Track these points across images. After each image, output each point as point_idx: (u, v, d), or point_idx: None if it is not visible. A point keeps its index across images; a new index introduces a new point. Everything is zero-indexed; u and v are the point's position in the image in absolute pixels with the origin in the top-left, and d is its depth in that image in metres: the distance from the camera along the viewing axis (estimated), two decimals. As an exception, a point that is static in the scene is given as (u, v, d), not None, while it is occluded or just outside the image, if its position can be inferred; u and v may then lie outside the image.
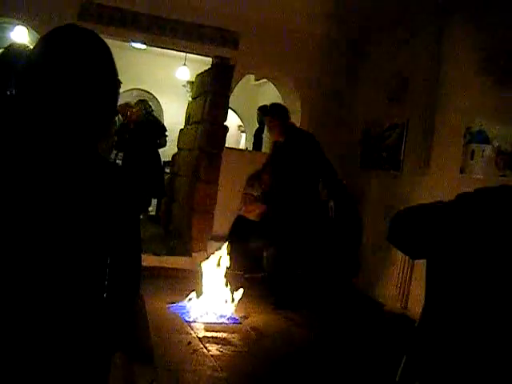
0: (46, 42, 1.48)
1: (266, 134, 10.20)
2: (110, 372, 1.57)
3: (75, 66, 1.44)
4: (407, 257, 5.48)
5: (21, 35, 8.24)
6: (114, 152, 11.96)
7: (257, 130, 10.70)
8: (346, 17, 7.03)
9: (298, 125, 8.28)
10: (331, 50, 8.03)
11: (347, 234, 7.36)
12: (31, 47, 1.56)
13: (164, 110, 12.29)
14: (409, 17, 6.51)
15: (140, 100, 9.73)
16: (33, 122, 1.42)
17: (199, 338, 4.98)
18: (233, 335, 5.21)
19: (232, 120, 11.30)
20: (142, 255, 1.61)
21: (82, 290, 1.45)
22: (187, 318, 5.48)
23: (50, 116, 1.41)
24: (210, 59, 8.02)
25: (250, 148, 10.75)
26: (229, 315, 5.70)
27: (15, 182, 1.38)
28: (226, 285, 5.91)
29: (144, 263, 1.61)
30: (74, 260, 1.42)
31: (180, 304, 5.82)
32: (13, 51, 3.51)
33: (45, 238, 1.38)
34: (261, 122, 10.50)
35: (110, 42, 1.55)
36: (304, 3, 6.80)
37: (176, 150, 9.50)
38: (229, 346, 4.90)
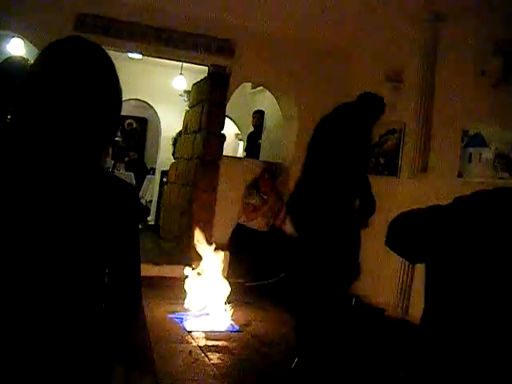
0: (48, 54, 1.48)
1: (263, 139, 10.21)
2: (110, 382, 1.56)
3: (79, 79, 1.43)
4: (407, 262, 5.47)
5: (17, 47, 8.25)
6: (112, 162, 12.01)
7: (250, 135, 10.62)
8: (339, 21, 7.04)
9: (295, 133, 8.31)
10: (326, 56, 8.06)
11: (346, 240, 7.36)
12: (30, 60, 1.55)
13: (161, 119, 12.30)
14: (405, 20, 6.52)
15: None
16: (35, 134, 1.42)
17: (200, 347, 4.97)
18: (234, 344, 5.20)
19: (229, 128, 11.31)
20: (142, 265, 1.61)
21: (80, 300, 1.45)
22: (188, 328, 5.47)
23: (53, 128, 1.41)
24: (206, 68, 8.04)
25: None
26: (229, 324, 5.69)
27: (17, 192, 1.38)
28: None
29: (143, 273, 1.61)
30: (72, 270, 1.42)
31: (180, 313, 5.81)
32: (12, 64, 3.48)
33: (43, 248, 1.38)
34: (257, 126, 10.44)
35: (106, 52, 1.55)
36: (299, 10, 6.81)
37: (173, 159, 9.51)
38: (230, 355, 4.89)
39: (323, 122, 4.56)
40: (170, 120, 11.71)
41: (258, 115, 10.29)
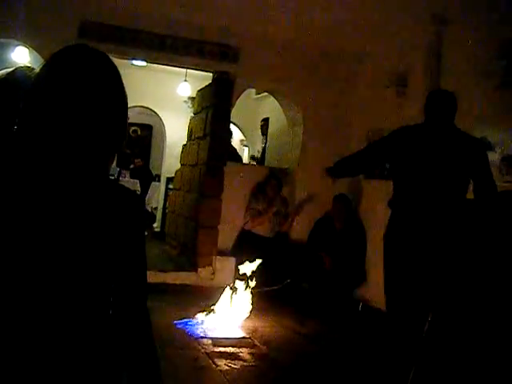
0: (53, 63, 1.48)
1: (268, 146, 10.22)
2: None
3: (85, 87, 1.43)
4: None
5: (21, 56, 8.28)
6: (117, 169, 12.03)
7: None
8: (343, 26, 7.04)
9: (300, 138, 8.31)
10: (331, 61, 8.07)
11: (352, 246, 7.35)
12: (36, 69, 1.55)
13: (166, 126, 12.32)
14: (408, 23, 6.51)
15: None
16: (41, 145, 1.42)
17: (207, 354, 4.96)
18: (241, 350, 5.19)
19: (234, 134, 11.32)
20: (148, 272, 1.61)
21: (86, 308, 1.45)
22: (195, 334, 5.46)
23: (60, 138, 1.41)
24: (210, 74, 8.05)
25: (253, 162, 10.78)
26: (236, 330, 5.68)
27: (22, 203, 1.38)
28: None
29: (149, 279, 1.61)
30: (78, 278, 1.42)
31: (187, 320, 5.81)
32: (20, 74, 3.52)
33: (48, 257, 1.38)
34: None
35: (110, 59, 1.54)
36: (303, 16, 6.82)
37: (179, 165, 9.52)
38: (237, 361, 4.88)
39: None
40: (175, 127, 11.73)
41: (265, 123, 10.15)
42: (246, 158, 12.82)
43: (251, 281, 6.11)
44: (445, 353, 1.57)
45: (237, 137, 12.59)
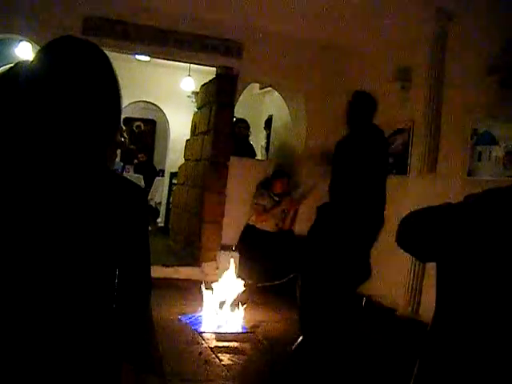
0: (43, 55, 1.48)
1: (271, 140, 10.19)
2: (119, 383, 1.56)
3: (74, 77, 1.42)
4: (418, 261, 5.46)
5: (25, 51, 8.28)
6: (121, 164, 12.03)
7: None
8: (348, 20, 7.03)
9: (304, 133, 8.29)
10: (335, 55, 8.05)
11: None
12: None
13: (170, 121, 12.30)
14: (413, 18, 6.49)
15: None
16: (37, 135, 1.42)
17: (211, 348, 4.97)
18: (244, 344, 5.19)
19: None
20: (151, 266, 1.61)
21: (90, 301, 1.45)
22: (198, 329, 5.47)
23: (55, 128, 1.41)
24: (214, 69, 8.05)
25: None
26: (240, 325, 5.69)
27: (23, 194, 1.38)
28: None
29: (153, 274, 1.61)
30: (81, 270, 1.42)
31: (191, 314, 5.81)
32: (19, 68, 3.52)
33: (52, 249, 1.38)
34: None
35: (113, 54, 1.55)
36: (307, 10, 6.80)
37: (183, 160, 9.52)
38: (241, 356, 4.89)
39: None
40: (179, 121, 11.70)
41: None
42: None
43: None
44: (450, 347, 1.56)
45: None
